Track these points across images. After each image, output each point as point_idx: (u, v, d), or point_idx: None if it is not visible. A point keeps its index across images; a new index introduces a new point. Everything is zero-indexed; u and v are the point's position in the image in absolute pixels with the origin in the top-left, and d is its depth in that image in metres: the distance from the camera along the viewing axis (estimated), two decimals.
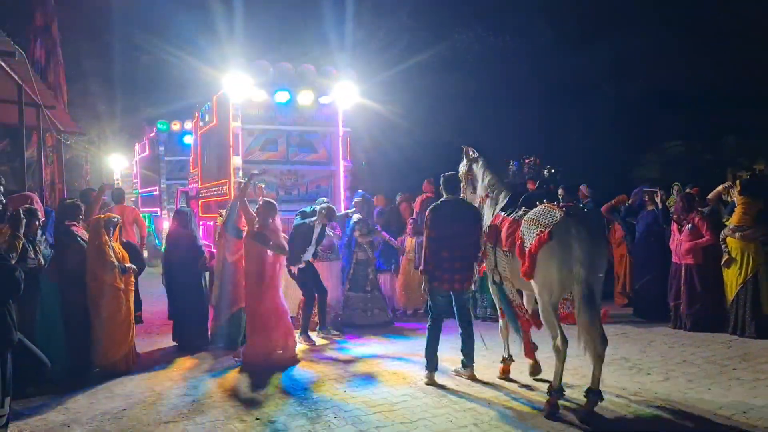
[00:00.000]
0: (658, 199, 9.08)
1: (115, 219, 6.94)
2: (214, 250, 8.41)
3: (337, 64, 10.08)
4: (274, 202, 7.52)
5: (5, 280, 3.96)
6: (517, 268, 5.61)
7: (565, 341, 5.39)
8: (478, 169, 6.70)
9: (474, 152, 6.77)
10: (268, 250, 7.12)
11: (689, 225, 8.35)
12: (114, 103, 21.01)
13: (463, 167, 6.84)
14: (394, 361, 7.09)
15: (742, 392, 5.84)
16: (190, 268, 7.84)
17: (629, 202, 9.94)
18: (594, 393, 5.25)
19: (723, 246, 8.01)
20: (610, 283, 10.41)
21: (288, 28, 16.65)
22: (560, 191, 9.28)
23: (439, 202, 6.43)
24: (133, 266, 6.90)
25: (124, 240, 7.64)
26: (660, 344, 7.69)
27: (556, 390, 5.36)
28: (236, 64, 9.05)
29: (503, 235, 5.90)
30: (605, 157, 19.04)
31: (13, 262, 4.71)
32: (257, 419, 5.32)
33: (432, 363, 6.24)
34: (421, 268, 6.39)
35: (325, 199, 8.65)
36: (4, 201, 6.27)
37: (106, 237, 6.68)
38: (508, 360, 6.50)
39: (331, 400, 5.76)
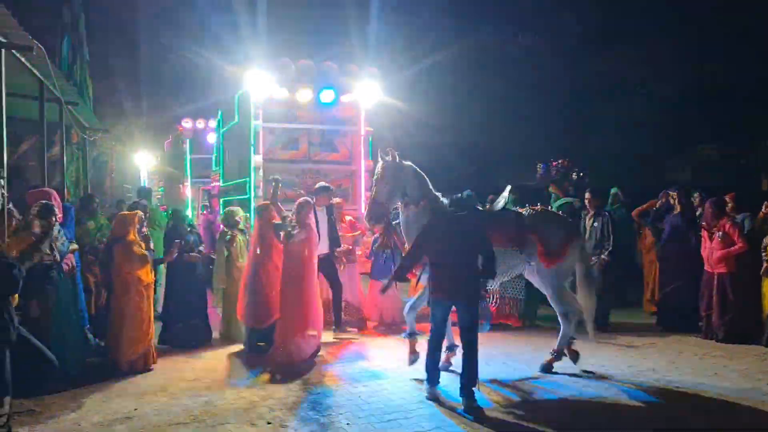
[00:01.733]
0: (674, 201, 8.80)
1: (141, 215, 6.92)
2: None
3: (359, 62, 9.96)
4: (308, 199, 7.46)
5: (2, 277, 3.87)
6: None
7: None
8: (405, 174, 6.42)
9: (397, 156, 6.46)
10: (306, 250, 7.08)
11: (720, 233, 8.02)
12: (140, 100, 21.20)
13: (382, 169, 6.42)
14: (410, 366, 6.89)
15: None
16: (191, 267, 7.78)
17: (657, 205, 9.62)
18: None
19: (763, 254, 7.66)
20: (640, 290, 10.11)
21: (311, 26, 16.61)
22: (587, 195, 8.99)
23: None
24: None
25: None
26: (690, 355, 7.40)
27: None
28: (258, 61, 9.00)
29: None
30: (636, 160, 18.65)
31: (30, 264, 4.66)
32: (269, 423, 5.19)
33: (432, 377, 5.90)
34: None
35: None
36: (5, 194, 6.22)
37: (134, 233, 6.65)
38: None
39: (345, 405, 5.62)
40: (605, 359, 7.19)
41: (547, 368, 6.66)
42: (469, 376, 5.60)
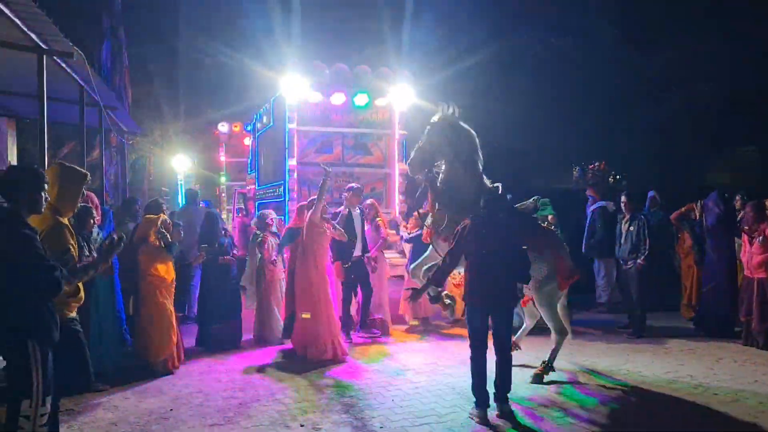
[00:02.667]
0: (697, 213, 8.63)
1: (167, 220, 7.02)
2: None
3: (393, 65, 9.98)
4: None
5: (45, 279, 3.96)
6: None
7: None
8: (460, 138, 6.32)
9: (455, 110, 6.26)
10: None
11: (760, 237, 7.81)
12: (177, 104, 21.53)
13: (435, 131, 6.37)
14: (444, 369, 6.88)
15: None
16: (224, 270, 7.88)
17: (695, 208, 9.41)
18: None
19: None
20: (677, 295, 9.90)
21: (344, 29, 16.68)
22: (623, 198, 8.85)
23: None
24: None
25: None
26: (729, 362, 7.22)
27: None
28: (293, 65, 9.07)
29: None
30: (674, 162, 18.28)
31: (86, 278, 4.76)
32: (302, 426, 5.22)
33: (482, 399, 5.40)
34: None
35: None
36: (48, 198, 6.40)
37: (154, 234, 6.74)
38: None
39: (378, 409, 5.62)
40: (642, 365, 7.07)
41: (539, 379, 6.40)
42: (504, 381, 5.49)
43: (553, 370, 6.53)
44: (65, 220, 4.85)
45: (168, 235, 6.86)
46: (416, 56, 13.08)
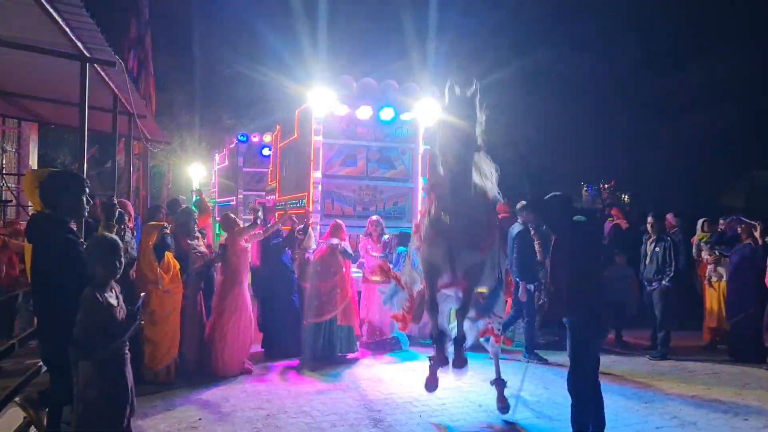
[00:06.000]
0: (757, 234, 8.48)
1: (167, 227, 6.89)
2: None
3: (419, 80, 10.00)
4: None
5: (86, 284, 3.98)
6: None
7: None
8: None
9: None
10: None
11: None
12: (197, 114, 21.66)
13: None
14: (468, 387, 6.84)
15: None
16: (281, 277, 7.96)
17: (722, 229, 9.37)
18: None
19: None
20: (698, 317, 9.81)
21: (369, 44, 16.81)
22: (649, 219, 8.83)
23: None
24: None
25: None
26: (756, 387, 7.17)
27: None
28: (321, 78, 9.13)
29: None
30: (691, 183, 18.26)
31: None
32: None
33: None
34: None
35: None
36: (92, 203, 6.45)
37: (151, 243, 6.60)
38: None
39: (407, 424, 5.61)
40: (668, 387, 7.03)
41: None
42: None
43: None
44: None
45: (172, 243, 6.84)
46: (441, 72, 13.14)
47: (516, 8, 16.32)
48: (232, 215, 7.95)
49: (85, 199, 4.37)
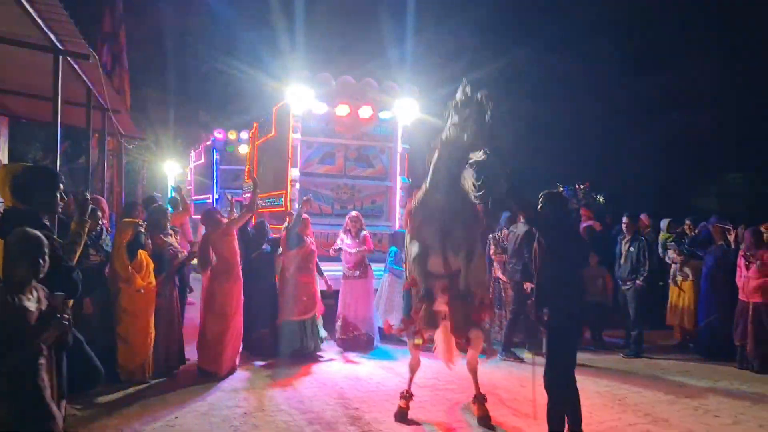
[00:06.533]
0: (731, 238, 8.66)
1: (141, 224, 6.76)
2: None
3: (397, 78, 10.01)
4: None
5: (64, 281, 3.91)
6: None
7: None
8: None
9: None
10: None
11: (758, 262, 7.94)
12: (172, 110, 21.41)
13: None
14: (445, 385, 6.87)
15: None
16: (262, 275, 7.89)
17: (695, 232, 9.53)
18: None
19: None
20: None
21: (348, 42, 16.76)
22: (624, 219, 8.95)
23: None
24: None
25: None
26: (726, 384, 7.31)
27: None
28: (299, 75, 9.07)
29: None
30: (665, 185, 18.55)
31: (79, 249, 4.69)
32: None
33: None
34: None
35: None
36: (66, 199, 6.33)
37: (124, 241, 6.48)
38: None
39: (384, 422, 5.61)
40: (642, 385, 7.13)
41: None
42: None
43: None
44: None
45: (148, 241, 6.74)
46: (420, 71, 13.18)
47: (493, 10, 16.45)
48: (215, 211, 7.84)
49: (59, 195, 4.30)
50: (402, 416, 5.64)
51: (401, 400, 5.73)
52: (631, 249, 8.64)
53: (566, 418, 4.97)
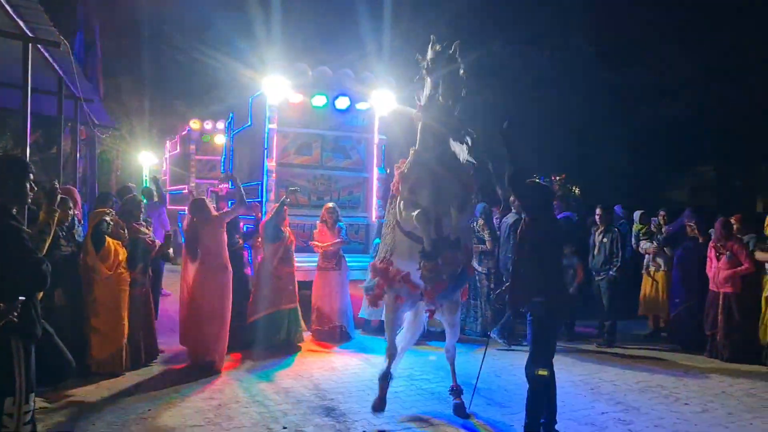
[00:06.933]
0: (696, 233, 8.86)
1: (109, 215, 6.60)
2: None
3: (374, 70, 9.97)
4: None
5: (32, 273, 3.85)
6: None
7: None
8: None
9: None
10: None
11: (728, 253, 8.09)
12: (147, 99, 21.15)
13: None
14: (420, 375, 6.92)
15: None
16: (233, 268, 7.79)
17: (669, 227, 9.68)
18: None
19: None
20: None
21: (326, 33, 16.66)
22: (598, 211, 9.05)
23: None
24: None
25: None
26: (696, 373, 7.44)
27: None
28: (275, 65, 8.99)
29: None
30: (639, 177, 18.76)
31: (48, 239, 4.62)
32: (284, 428, 5.21)
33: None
34: None
35: None
36: (36, 189, 6.22)
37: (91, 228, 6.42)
38: None
39: (360, 413, 5.63)
40: (614, 374, 7.25)
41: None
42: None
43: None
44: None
45: (120, 231, 6.65)
46: (397, 63, 13.12)
47: (469, 2, 16.44)
48: (205, 200, 7.70)
49: (29, 185, 4.23)
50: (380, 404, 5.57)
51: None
52: (605, 240, 8.74)
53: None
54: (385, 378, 5.58)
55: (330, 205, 8.66)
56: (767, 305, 7.86)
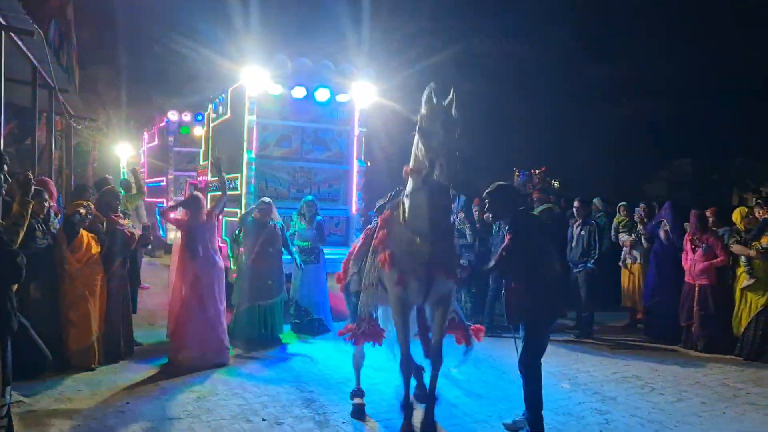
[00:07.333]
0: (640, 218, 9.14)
1: (85, 207, 6.50)
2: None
3: (355, 62, 9.94)
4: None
5: (7, 266, 3.81)
6: None
7: None
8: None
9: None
10: None
11: (703, 245, 8.21)
12: (125, 90, 20.87)
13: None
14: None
15: (758, 418, 5.73)
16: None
17: (652, 222, 9.77)
18: None
19: (747, 268, 7.85)
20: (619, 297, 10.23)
21: (306, 24, 16.55)
22: (576, 204, 9.13)
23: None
24: None
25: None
26: (672, 364, 7.55)
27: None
28: (255, 57, 8.93)
29: None
30: (617, 171, 18.96)
31: (22, 230, 4.56)
32: (264, 420, 5.21)
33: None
34: None
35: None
36: (10, 180, 6.13)
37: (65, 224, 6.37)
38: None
39: (339, 404, 5.64)
40: (591, 365, 7.33)
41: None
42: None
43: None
44: None
45: (98, 224, 6.57)
46: (377, 55, 13.10)
47: None
48: (200, 195, 7.63)
49: (2, 176, 4.17)
50: (359, 413, 5.41)
51: (354, 399, 5.51)
52: (582, 233, 8.82)
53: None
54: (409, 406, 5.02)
55: (309, 198, 8.63)
56: (741, 297, 8.00)
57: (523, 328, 5.06)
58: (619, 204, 10.42)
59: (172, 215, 7.18)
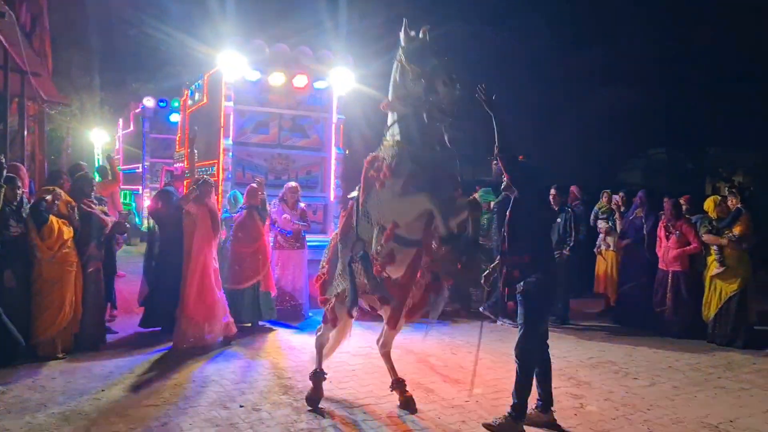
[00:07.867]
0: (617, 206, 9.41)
1: (53, 193, 6.38)
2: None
3: (333, 48, 9.85)
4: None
5: None
6: None
7: None
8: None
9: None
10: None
11: (677, 232, 8.34)
12: (99, 75, 20.54)
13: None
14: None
15: (729, 401, 5.84)
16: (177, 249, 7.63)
17: (617, 203, 9.89)
18: None
19: (718, 256, 7.98)
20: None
21: (284, 9, 16.39)
22: (552, 191, 9.17)
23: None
24: None
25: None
26: (645, 349, 7.67)
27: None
28: (231, 42, 8.82)
29: None
30: (593, 159, 19.14)
31: None
32: (241, 406, 5.19)
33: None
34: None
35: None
36: None
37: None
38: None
39: None
40: (566, 350, 7.42)
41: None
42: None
43: None
44: None
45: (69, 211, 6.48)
46: (355, 41, 13.02)
47: None
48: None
49: None
50: (314, 402, 5.27)
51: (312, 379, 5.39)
52: (558, 220, 8.88)
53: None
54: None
55: (292, 184, 8.53)
56: (711, 284, 8.15)
57: (521, 311, 4.94)
58: (603, 190, 10.51)
59: (192, 207, 7.05)
